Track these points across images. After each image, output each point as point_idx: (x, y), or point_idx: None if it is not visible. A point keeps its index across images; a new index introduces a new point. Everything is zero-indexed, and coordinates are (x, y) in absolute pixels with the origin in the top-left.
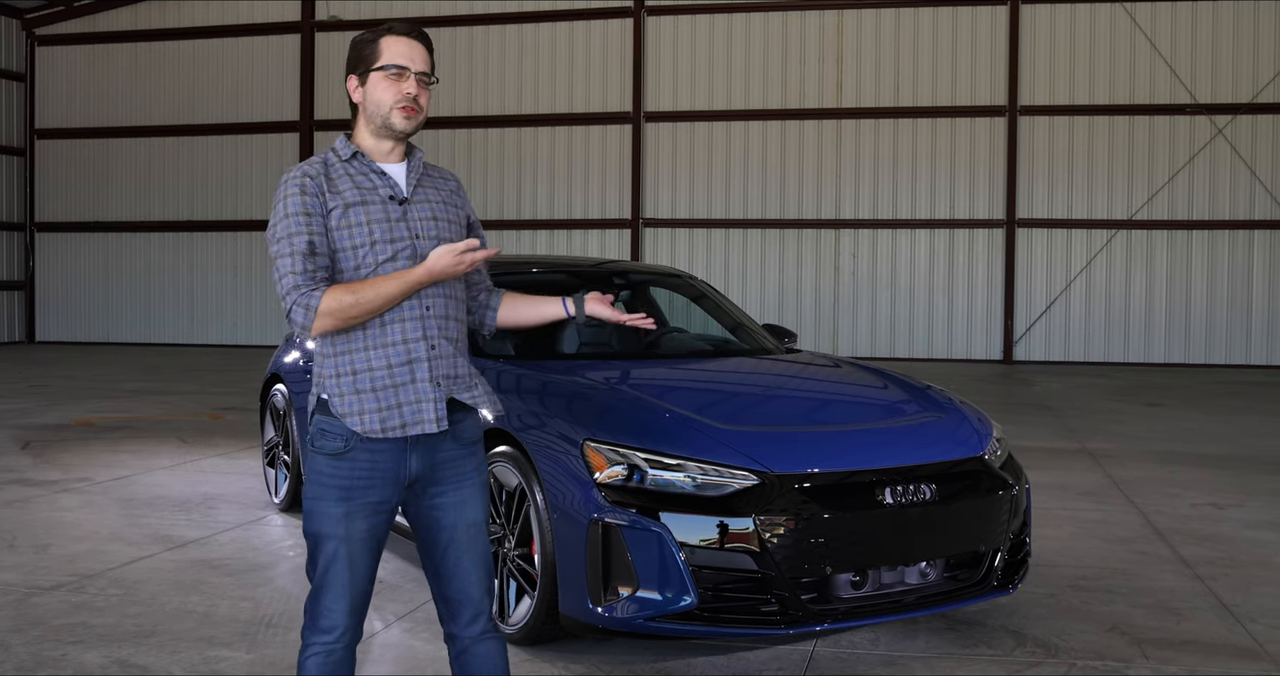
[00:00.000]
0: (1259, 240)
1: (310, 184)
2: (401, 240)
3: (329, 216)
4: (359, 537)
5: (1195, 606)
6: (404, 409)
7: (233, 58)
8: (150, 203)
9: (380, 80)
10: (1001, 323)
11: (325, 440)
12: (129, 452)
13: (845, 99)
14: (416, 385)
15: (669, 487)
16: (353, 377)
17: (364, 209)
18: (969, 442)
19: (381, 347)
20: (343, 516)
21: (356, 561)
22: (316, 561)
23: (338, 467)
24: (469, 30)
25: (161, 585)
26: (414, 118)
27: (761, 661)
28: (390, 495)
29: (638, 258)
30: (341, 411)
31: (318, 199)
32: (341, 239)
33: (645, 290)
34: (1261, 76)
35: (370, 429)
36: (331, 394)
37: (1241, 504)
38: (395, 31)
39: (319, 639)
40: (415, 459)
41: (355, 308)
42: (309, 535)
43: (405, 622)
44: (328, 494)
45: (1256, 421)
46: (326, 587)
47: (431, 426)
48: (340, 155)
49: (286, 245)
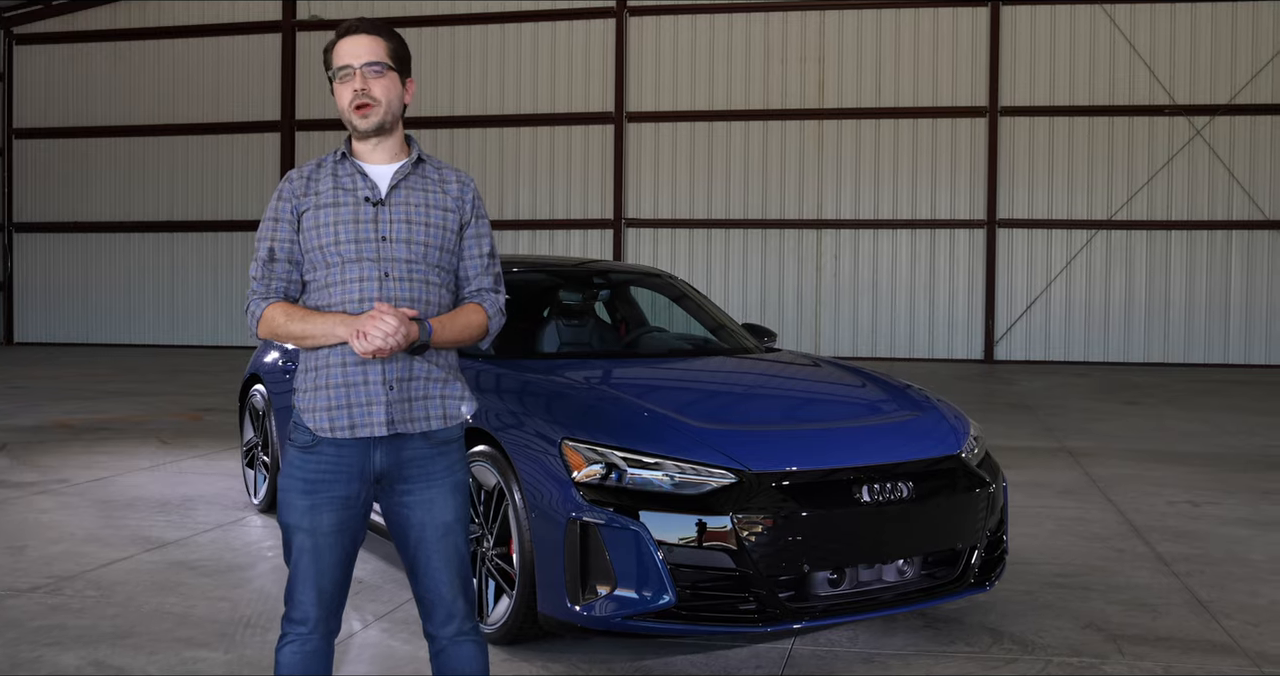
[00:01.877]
0: (1236, 240)
1: (288, 188)
2: (367, 241)
3: (303, 217)
4: (325, 530)
5: (1171, 602)
6: (353, 409)
7: (213, 57)
8: (130, 203)
9: (337, 86)
10: (982, 322)
11: (298, 432)
12: (108, 453)
13: (827, 99)
14: (368, 386)
15: (647, 486)
16: (314, 373)
17: (334, 210)
18: (946, 441)
19: (338, 347)
20: (308, 509)
21: (323, 554)
22: (288, 551)
23: (305, 461)
24: (450, 30)
25: (139, 586)
26: (370, 113)
27: (740, 659)
28: (357, 490)
29: (620, 258)
30: (302, 406)
31: (289, 203)
32: (310, 239)
33: (626, 290)
34: (1239, 78)
35: (320, 427)
36: (299, 388)
37: (1218, 501)
38: (341, 32)
39: (294, 629)
40: (380, 455)
41: (282, 328)
42: (280, 525)
43: (384, 622)
44: (295, 486)
45: (1233, 419)
46: (296, 578)
47: (381, 429)
48: (335, 155)
49: (261, 248)
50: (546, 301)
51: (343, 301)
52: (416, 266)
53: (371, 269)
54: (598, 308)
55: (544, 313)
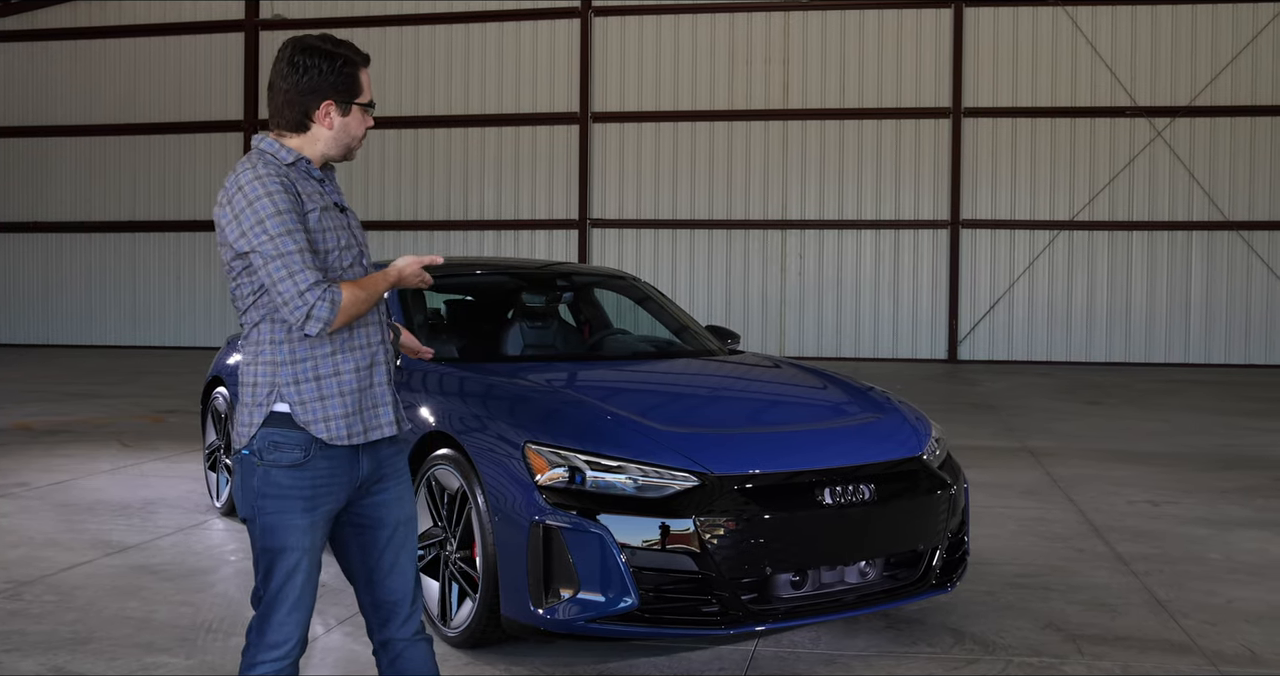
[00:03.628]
0: (1196, 241)
1: (288, 184)
2: (355, 246)
3: (307, 218)
4: (319, 547)
5: (1130, 602)
6: (365, 414)
7: (175, 56)
8: (92, 203)
9: (359, 114)
10: (946, 322)
11: (281, 453)
12: (68, 456)
13: (792, 100)
14: (375, 389)
15: (610, 489)
16: (317, 384)
17: (326, 215)
18: (908, 443)
19: (350, 351)
20: (308, 527)
21: (313, 573)
22: (272, 577)
23: (299, 478)
24: (415, 29)
25: (99, 591)
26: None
27: (703, 661)
28: (343, 501)
29: (585, 259)
30: (306, 419)
31: (297, 199)
32: (318, 242)
33: (589, 292)
34: (1199, 80)
35: (337, 435)
36: (293, 402)
37: (1177, 501)
38: (364, 64)
39: (268, 656)
40: (365, 461)
41: (363, 304)
42: (268, 551)
43: (347, 626)
44: (292, 507)
45: (1194, 419)
46: (283, 602)
47: (390, 429)
48: (280, 158)
49: (290, 242)
50: (510, 304)
51: None
52: (371, 268)
53: (362, 273)
54: (561, 310)
55: (507, 315)
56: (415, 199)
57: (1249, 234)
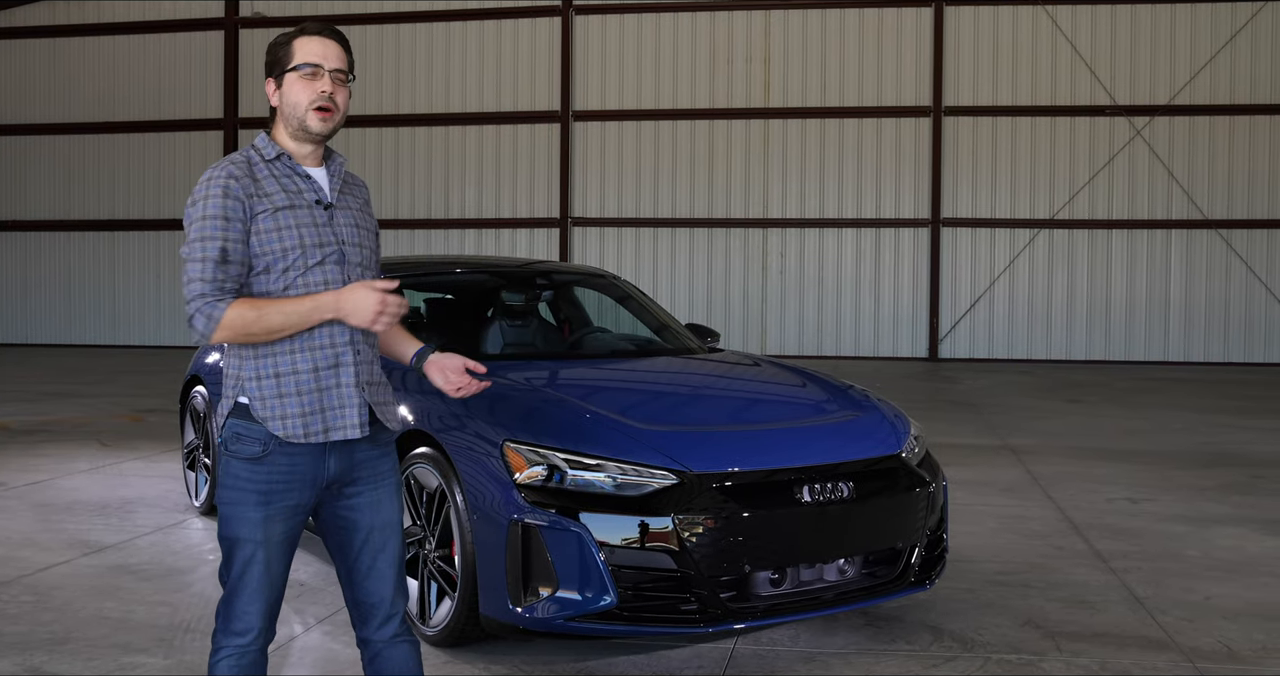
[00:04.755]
0: (1176, 239)
1: (235, 186)
2: (329, 245)
3: (257, 220)
4: (276, 541)
5: (1108, 599)
6: (327, 413)
7: (155, 54)
8: (70, 201)
9: (295, 81)
10: (927, 321)
11: (242, 445)
12: (46, 456)
13: (773, 99)
14: (341, 389)
15: (589, 488)
16: (276, 380)
17: (293, 213)
18: (887, 441)
19: (308, 350)
20: (261, 521)
21: (273, 564)
22: (231, 565)
23: (255, 471)
24: (395, 28)
25: (77, 591)
26: (330, 118)
27: (682, 659)
28: (308, 498)
29: (567, 257)
30: (263, 415)
31: (240, 203)
32: (271, 242)
33: (570, 290)
34: (1178, 79)
35: (293, 433)
36: (253, 397)
37: (1155, 498)
38: (308, 31)
39: (232, 642)
40: (334, 461)
41: (256, 324)
42: (224, 539)
43: (325, 625)
44: (246, 499)
45: (1173, 416)
46: (242, 591)
47: (354, 431)
48: (264, 155)
49: (199, 249)
50: (490, 302)
51: None
52: (367, 270)
53: (335, 273)
54: (541, 308)
55: (488, 313)
56: (396, 197)
57: (1228, 232)
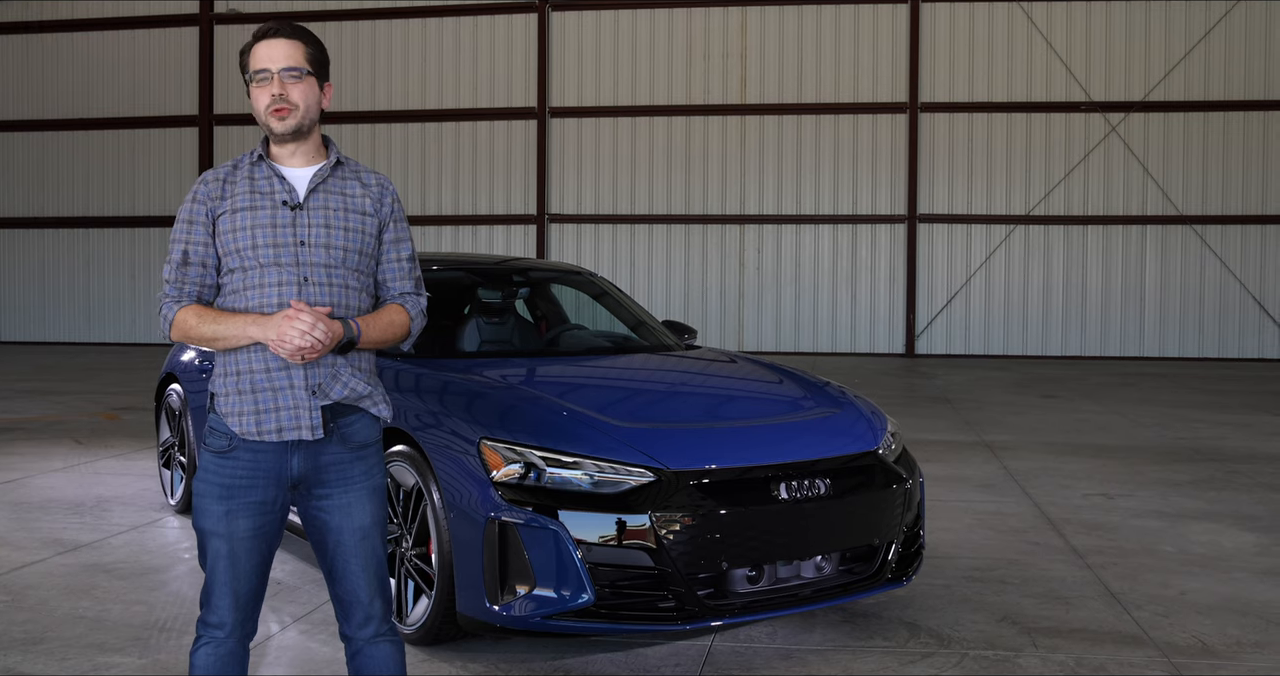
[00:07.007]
0: (1151, 235)
1: (204, 190)
2: (285, 245)
3: (219, 221)
4: (242, 536)
5: (1084, 595)
6: (281, 413)
7: (129, 51)
8: (44, 198)
9: (254, 89)
10: (903, 317)
11: (213, 437)
12: (20, 454)
13: (749, 95)
14: (293, 390)
15: (566, 485)
16: (236, 377)
17: (251, 214)
18: (864, 437)
19: (261, 349)
20: (224, 515)
21: (239, 559)
22: (204, 556)
23: (221, 465)
24: (371, 24)
25: (51, 590)
26: (288, 117)
27: (660, 657)
28: (274, 495)
29: (544, 254)
30: (224, 410)
31: (205, 206)
32: (228, 242)
33: (546, 288)
34: (1153, 75)
35: (247, 431)
36: (218, 392)
37: (1131, 493)
38: (258, 36)
39: (209, 632)
40: (297, 460)
41: (194, 331)
42: (196, 529)
43: (302, 624)
44: (211, 492)
45: (1148, 412)
46: (213, 583)
47: (307, 433)
48: (251, 158)
49: (171, 251)
50: (466, 300)
51: (260, 305)
52: (335, 271)
53: (290, 273)
54: (518, 306)
55: (464, 311)
56: None
57: (1202, 228)
